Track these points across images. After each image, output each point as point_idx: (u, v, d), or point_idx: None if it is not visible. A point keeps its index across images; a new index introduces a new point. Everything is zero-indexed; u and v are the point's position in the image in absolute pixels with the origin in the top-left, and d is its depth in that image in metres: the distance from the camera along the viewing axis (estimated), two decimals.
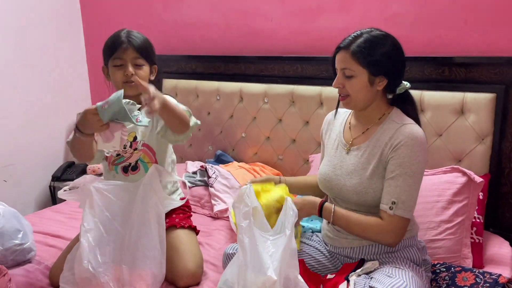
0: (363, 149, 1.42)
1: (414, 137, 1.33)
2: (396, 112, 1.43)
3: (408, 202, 1.33)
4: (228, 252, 1.51)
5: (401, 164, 1.33)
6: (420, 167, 1.35)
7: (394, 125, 1.38)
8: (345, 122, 1.53)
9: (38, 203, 2.85)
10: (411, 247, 1.41)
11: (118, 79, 1.61)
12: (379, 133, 1.40)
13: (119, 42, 1.60)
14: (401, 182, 1.32)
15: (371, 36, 1.36)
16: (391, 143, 1.35)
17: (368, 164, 1.39)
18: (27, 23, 2.69)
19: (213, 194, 2.18)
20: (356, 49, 1.35)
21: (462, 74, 1.85)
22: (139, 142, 1.66)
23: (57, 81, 2.90)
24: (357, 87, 1.37)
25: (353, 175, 1.42)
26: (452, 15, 1.89)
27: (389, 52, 1.37)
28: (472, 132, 1.80)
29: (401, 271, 1.30)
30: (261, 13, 2.37)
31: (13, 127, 2.67)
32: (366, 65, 1.34)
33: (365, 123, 1.46)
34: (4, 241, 1.65)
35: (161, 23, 2.71)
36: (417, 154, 1.33)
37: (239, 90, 2.44)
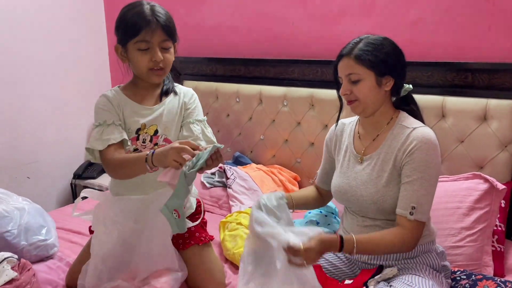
0: (375, 157, 1.41)
1: (427, 140, 1.32)
2: (403, 115, 1.43)
3: (426, 206, 1.33)
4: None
5: (417, 168, 1.32)
6: (436, 169, 1.34)
7: (405, 129, 1.37)
8: (353, 132, 1.52)
9: (60, 200, 2.91)
10: (430, 253, 1.39)
11: (143, 64, 1.41)
12: (390, 139, 1.39)
13: (145, 21, 1.36)
14: (418, 187, 1.31)
15: (371, 39, 1.37)
16: (404, 148, 1.34)
17: (383, 171, 1.38)
18: (52, 24, 2.75)
19: (231, 195, 2.20)
20: (359, 53, 1.35)
21: (485, 80, 1.83)
22: (161, 136, 1.49)
23: (80, 80, 2.95)
24: (365, 91, 1.36)
25: (368, 185, 1.40)
26: (475, 20, 1.87)
27: (391, 52, 1.37)
28: (495, 139, 1.78)
29: (421, 279, 1.29)
30: (282, 17, 2.38)
31: (37, 125, 2.73)
32: (372, 66, 1.34)
33: (373, 130, 1.45)
34: (29, 236, 1.69)
35: (183, 26, 2.73)
36: (432, 157, 1.32)
37: (258, 93, 2.45)
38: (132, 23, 1.37)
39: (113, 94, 1.49)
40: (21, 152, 2.68)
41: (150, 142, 1.48)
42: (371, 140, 1.45)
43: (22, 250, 1.66)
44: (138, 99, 1.50)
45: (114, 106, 1.45)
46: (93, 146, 1.41)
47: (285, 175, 2.35)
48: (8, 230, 1.65)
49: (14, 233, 1.66)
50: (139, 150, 1.48)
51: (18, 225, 1.68)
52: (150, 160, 1.29)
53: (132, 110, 1.47)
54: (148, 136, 1.48)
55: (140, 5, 1.39)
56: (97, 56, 3.07)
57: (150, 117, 1.47)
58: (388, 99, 1.42)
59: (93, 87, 3.05)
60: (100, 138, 1.40)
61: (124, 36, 1.41)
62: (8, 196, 1.79)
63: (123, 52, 1.45)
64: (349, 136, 1.52)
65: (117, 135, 1.40)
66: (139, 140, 1.47)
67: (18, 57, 2.60)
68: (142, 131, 1.48)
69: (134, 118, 1.47)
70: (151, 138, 1.48)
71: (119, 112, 1.45)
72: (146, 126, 1.47)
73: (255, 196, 2.20)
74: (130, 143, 1.46)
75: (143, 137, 1.48)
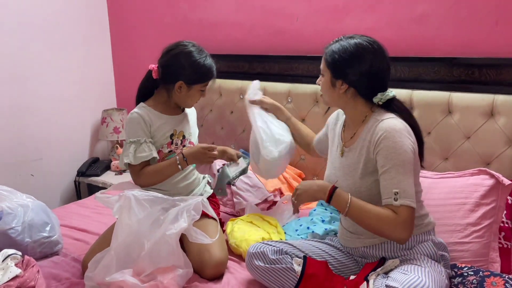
0: (353, 150, 1.48)
1: (392, 128, 1.36)
2: (378, 111, 1.46)
3: (409, 191, 1.33)
4: (251, 251, 1.51)
5: (388, 156, 1.35)
6: (407, 155, 1.34)
7: (374, 123, 1.42)
8: (342, 124, 1.59)
9: (64, 198, 2.91)
10: (426, 242, 1.41)
11: (194, 101, 1.81)
12: (364, 133, 1.45)
13: (212, 73, 1.76)
14: (395, 173, 1.33)
15: (345, 43, 1.44)
16: (373, 139, 1.39)
17: (358, 163, 1.44)
18: (55, 22, 2.75)
19: (235, 192, 2.19)
20: (328, 51, 1.47)
21: (492, 75, 1.81)
22: (187, 140, 1.86)
23: (83, 78, 2.96)
24: (323, 86, 1.51)
25: (348, 176, 1.47)
26: (482, 15, 1.85)
27: (352, 62, 1.41)
28: (502, 135, 1.76)
29: (417, 268, 1.31)
30: (287, 13, 2.37)
31: (41, 123, 2.74)
32: (329, 66, 1.46)
33: (353, 125, 1.52)
34: (33, 233, 1.69)
35: (187, 22, 2.74)
36: (400, 144, 1.34)
37: (262, 89, 2.43)
38: (205, 73, 1.75)
39: (143, 111, 1.77)
40: (25, 150, 2.68)
41: (180, 144, 1.84)
42: (352, 134, 1.52)
43: (26, 247, 1.66)
44: (165, 111, 1.81)
45: (146, 122, 1.75)
46: (130, 161, 1.71)
47: (289, 172, 2.34)
48: (12, 227, 1.65)
49: (18, 230, 1.66)
50: (173, 152, 1.81)
51: (22, 222, 1.68)
52: (183, 162, 1.72)
53: (164, 121, 1.79)
54: (179, 140, 1.83)
55: (206, 56, 1.77)
56: (101, 55, 3.07)
57: (178, 125, 1.83)
58: (357, 100, 1.47)
59: (97, 85, 3.06)
60: (134, 155, 1.71)
61: (195, 80, 1.74)
62: (12, 194, 1.79)
63: (186, 90, 1.75)
64: (339, 127, 1.61)
65: (148, 153, 1.73)
66: (173, 144, 1.82)
67: (23, 56, 2.61)
68: (174, 136, 1.82)
69: (167, 127, 1.80)
70: (181, 141, 1.84)
71: (149, 127, 1.76)
72: (176, 132, 1.82)
73: (259, 193, 2.19)
74: (166, 147, 1.79)
75: (176, 141, 1.82)
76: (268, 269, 1.45)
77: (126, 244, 1.45)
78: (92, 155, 3.07)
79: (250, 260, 1.49)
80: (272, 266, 1.44)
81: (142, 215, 1.47)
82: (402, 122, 1.39)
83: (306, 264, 1.43)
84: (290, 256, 1.47)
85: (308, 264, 1.43)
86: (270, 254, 1.46)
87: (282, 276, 1.44)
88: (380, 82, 1.44)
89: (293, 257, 1.47)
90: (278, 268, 1.44)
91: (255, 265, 1.47)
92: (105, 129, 2.92)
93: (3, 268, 1.40)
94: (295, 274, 1.42)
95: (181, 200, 1.55)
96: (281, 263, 1.44)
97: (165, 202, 1.54)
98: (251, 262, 1.48)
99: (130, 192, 1.49)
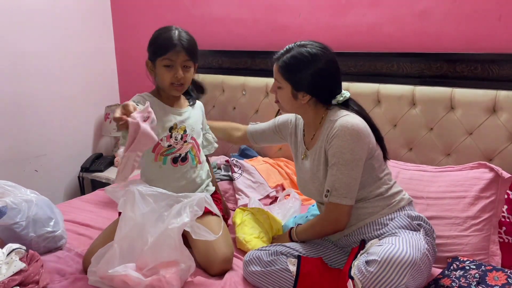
0: (313, 153, 1.52)
1: (344, 127, 1.40)
2: (333, 110, 1.49)
3: (344, 189, 1.40)
4: (246, 259, 1.51)
5: (335, 154, 1.41)
6: (354, 155, 1.39)
7: (331, 123, 1.46)
8: (301, 128, 1.63)
9: (67, 193, 2.93)
10: (399, 217, 1.44)
11: (166, 79, 1.66)
12: (322, 133, 1.49)
13: (172, 44, 1.62)
14: (335, 171, 1.41)
15: (298, 54, 1.45)
16: (327, 137, 1.45)
17: (320, 165, 1.49)
18: (59, 17, 2.76)
19: (237, 188, 2.20)
20: (282, 64, 1.48)
21: (495, 71, 1.80)
22: (189, 135, 1.75)
23: (87, 75, 2.96)
24: (283, 98, 1.51)
25: (314, 179, 1.52)
26: (485, 10, 1.85)
27: (312, 72, 1.44)
28: (504, 131, 1.76)
29: (392, 238, 1.31)
30: (289, 8, 2.36)
31: (45, 119, 2.75)
32: (288, 80, 1.47)
33: (311, 129, 1.56)
34: (37, 228, 1.70)
35: (189, 18, 2.74)
36: (348, 143, 1.39)
37: (265, 85, 2.44)
38: (162, 44, 1.64)
39: (146, 95, 1.72)
40: (29, 146, 2.69)
41: (181, 139, 1.73)
42: (310, 138, 1.57)
43: (31, 242, 1.67)
44: (169, 102, 1.74)
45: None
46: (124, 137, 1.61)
47: (291, 168, 2.34)
48: (17, 222, 1.66)
49: (22, 225, 1.67)
50: (172, 147, 1.71)
51: (26, 216, 1.68)
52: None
53: (166, 111, 1.72)
54: (179, 135, 1.72)
55: (170, 30, 1.66)
56: (104, 51, 3.08)
57: (180, 118, 1.74)
58: (314, 106, 1.51)
59: (100, 81, 3.07)
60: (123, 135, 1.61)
61: (154, 54, 1.67)
62: (16, 189, 1.80)
63: (152, 67, 1.69)
64: (300, 131, 1.64)
65: None
66: (172, 138, 1.71)
67: (26, 51, 2.61)
68: (174, 130, 1.72)
69: (168, 117, 1.71)
70: (181, 136, 1.73)
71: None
72: (177, 126, 1.72)
73: (261, 189, 2.19)
74: (165, 140, 1.69)
75: (175, 135, 1.72)
76: (264, 272, 1.44)
77: (129, 237, 1.45)
78: (96, 151, 3.08)
79: (246, 267, 1.49)
80: (267, 269, 1.44)
81: (146, 210, 1.48)
82: (356, 117, 1.43)
83: (301, 263, 1.43)
84: (285, 256, 1.47)
85: (303, 262, 1.43)
86: (265, 257, 1.46)
87: (278, 278, 1.43)
88: (337, 85, 1.49)
89: (288, 257, 1.47)
90: (274, 270, 1.43)
91: (251, 271, 1.46)
92: (109, 125, 2.93)
93: (7, 262, 1.41)
94: (290, 275, 1.42)
95: (185, 196, 1.56)
96: (276, 264, 1.44)
97: (169, 198, 1.54)
98: (247, 268, 1.48)
99: (134, 187, 1.50)
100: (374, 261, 1.21)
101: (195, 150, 1.77)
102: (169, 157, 1.71)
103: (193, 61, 1.69)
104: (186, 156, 1.74)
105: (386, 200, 1.48)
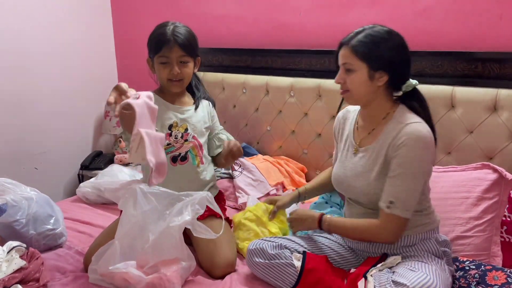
0: (370, 151, 1.43)
1: (415, 136, 1.32)
2: (401, 110, 1.41)
3: (407, 202, 1.34)
4: (251, 248, 1.51)
5: (402, 164, 1.33)
6: (422, 167, 1.34)
7: (398, 125, 1.37)
8: (354, 122, 1.54)
9: (67, 191, 2.92)
10: (429, 240, 1.41)
11: (163, 75, 1.66)
12: (385, 134, 1.40)
13: (165, 40, 1.60)
14: (401, 182, 1.33)
15: (372, 31, 1.38)
16: (393, 143, 1.35)
17: (374, 165, 1.40)
18: (60, 16, 2.75)
19: (238, 186, 2.20)
20: (355, 43, 1.37)
21: (496, 70, 1.80)
22: (190, 134, 1.71)
23: (87, 72, 2.96)
24: (357, 82, 1.38)
25: (360, 177, 1.43)
26: (486, 9, 1.84)
27: (390, 47, 1.37)
28: (505, 130, 1.76)
29: (424, 265, 1.30)
30: (290, 7, 2.36)
31: (45, 116, 2.74)
32: (365, 59, 1.36)
33: (370, 123, 1.46)
34: (37, 226, 1.70)
35: (190, 16, 2.73)
36: (419, 154, 1.33)
37: (265, 84, 2.44)
38: (156, 41, 1.64)
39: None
40: (29, 143, 2.69)
41: (181, 138, 1.70)
42: (367, 133, 1.47)
43: (31, 239, 1.67)
44: (171, 100, 1.73)
45: None
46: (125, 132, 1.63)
47: (292, 166, 2.34)
48: (17, 219, 1.66)
49: (22, 222, 1.67)
50: (171, 145, 1.69)
51: (27, 214, 1.69)
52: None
53: (166, 108, 1.70)
54: (180, 133, 1.70)
55: (165, 26, 1.65)
56: (104, 49, 3.07)
57: (181, 116, 1.71)
58: (384, 94, 1.42)
59: (100, 78, 3.06)
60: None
61: (150, 51, 1.68)
62: (16, 186, 1.79)
63: (152, 64, 1.69)
64: (350, 124, 1.55)
65: None
66: (171, 136, 1.69)
67: (27, 48, 2.61)
68: (174, 128, 1.70)
69: (168, 115, 1.69)
70: (182, 135, 1.70)
71: None
72: (178, 124, 1.70)
73: (261, 187, 2.20)
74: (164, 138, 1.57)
75: (175, 134, 1.69)
76: (268, 265, 1.45)
77: (131, 235, 1.45)
78: (96, 148, 3.08)
79: (250, 257, 1.49)
80: (271, 261, 1.44)
81: (147, 208, 1.48)
82: (427, 128, 1.35)
83: (305, 259, 1.43)
84: (289, 251, 1.47)
85: (308, 259, 1.43)
86: (269, 249, 1.46)
87: (282, 272, 1.43)
88: (408, 69, 1.41)
89: (292, 251, 1.47)
90: (278, 263, 1.44)
91: (255, 261, 1.47)
92: (108, 122, 2.93)
93: (8, 260, 1.41)
94: (295, 270, 1.42)
95: (186, 195, 1.54)
96: (281, 258, 1.44)
97: (171, 196, 1.53)
98: (251, 259, 1.49)
99: (136, 185, 1.51)
100: (403, 285, 1.21)
101: (197, 150, 1.73)
102: (169, 156, 1.68)
103: (190, 56, 1.66)
104: (186, 156, 1.71)
105: (422, 218, 1.42)
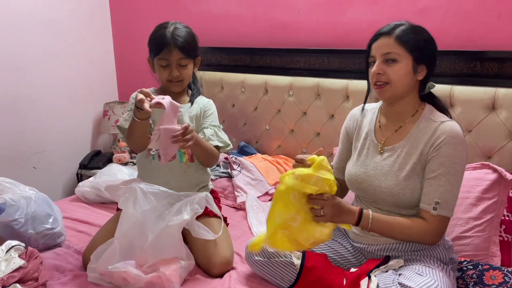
0: (399, 149, 1.39)
1: (455, 135, 1.31)
2: (429, 108, 1.41)
3: (451, 201, 1.32)
4: (250, 244, 1.49)
5: (444, 163, 1.31)
6: (463, 165, 1.34)
7: (432, 123, 1.35)
8: (374, 120, 1.50)
9: (66, 190, 2.92)
10: (437, 246, 1.39)
11: (163, 77, 1.69)
12: (416, 132, 1.37)
13: (164, 42, 1.62)
14: (444, 182, 1.30)
15: (411, 25, 1.36)
16: (431, 142, 1.33)
17: (405, 164, 1.36)
18: (57, 14, 2.74)
19: (236, 185, 2.20)
20: (401, 34, 1.32)
21: (495, 69, 1.80)
22: None
23: (85, 71, 2.95)
24: (400, 73, 1.32)
25: (388, 176, 1.38)
26: (485, 8, 1.85)
27: (431, 42, 1.36)
28: (504, 129, 1.76)
29: (431, 270, 1.28)
30: (289, 5, 2.36)
31: (43, 116, 2.74)
32: (412, 50, 1.31)
33: (396, 120, 1.43)
34: (36, 225, 1.70)
35: (189, 15, 2.73)
36: (459, 152, 1.31)
37: (264, 83, 2.44)
38: (156, 43, 1.65)
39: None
40: (27, 142, 2.69)
41: None
42: (393, 131, 1.43)
43: (30, 239, 1.67)
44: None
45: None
46: (121, 125, 1.69)
47: (290, 165, 2.34)
48: (15, 218, 1.66)
49: (21, 222, 1.67)
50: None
51: (25, 213, 1.68)
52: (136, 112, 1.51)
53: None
54: None
55: (164, 28, 1.66)
56: (103, 48, 3.07)
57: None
58: (417, 90, 1.40)
59: (99, 78, 3.06)
60: (128, 120, 1.64)
61: (151, 52, 1.70)
62: (15, 186, 1.79)
63: (153, 65, 1.72)
64: (369, 123, 1.50)
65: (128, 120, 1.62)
66: None
67: (25, 47, 2.60)
68: None
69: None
70: None
71: None
72: None
73: (260, 186, 2.20)
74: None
75: None
76: (268, 263, 1.45)
77: (130, 234, 1.46)
78: (94, 148, 3.07)
79: (250, 254, 1.50)
80: (271, 260, 1.45)
81: (147, 207, 1.48)
82: (459, 126, 1.34)
83: (305, 257, 1.43)
84: None
85: (307, 257, 1.43)
86: (269, 247, 1.45)
87: (282, 270, 1.44)
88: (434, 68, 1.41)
89: None
90: (277, 261, 1.44)
91: (254, 259, 1.48)
92: (107, 122, 2.92)
93: (6, 259, 1.41)
94: (294, 268, 1.42)
95: (186, 195, 1.56)
96: (281, 256, 1.44)
97: (170, 196, 1.55)
98: (251, 256, 1.49)
99: (136, 184, 1.51)
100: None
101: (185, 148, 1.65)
102: (156, 153, 1.66)
103: (190, 58, 1.68)
104: None
105: None
